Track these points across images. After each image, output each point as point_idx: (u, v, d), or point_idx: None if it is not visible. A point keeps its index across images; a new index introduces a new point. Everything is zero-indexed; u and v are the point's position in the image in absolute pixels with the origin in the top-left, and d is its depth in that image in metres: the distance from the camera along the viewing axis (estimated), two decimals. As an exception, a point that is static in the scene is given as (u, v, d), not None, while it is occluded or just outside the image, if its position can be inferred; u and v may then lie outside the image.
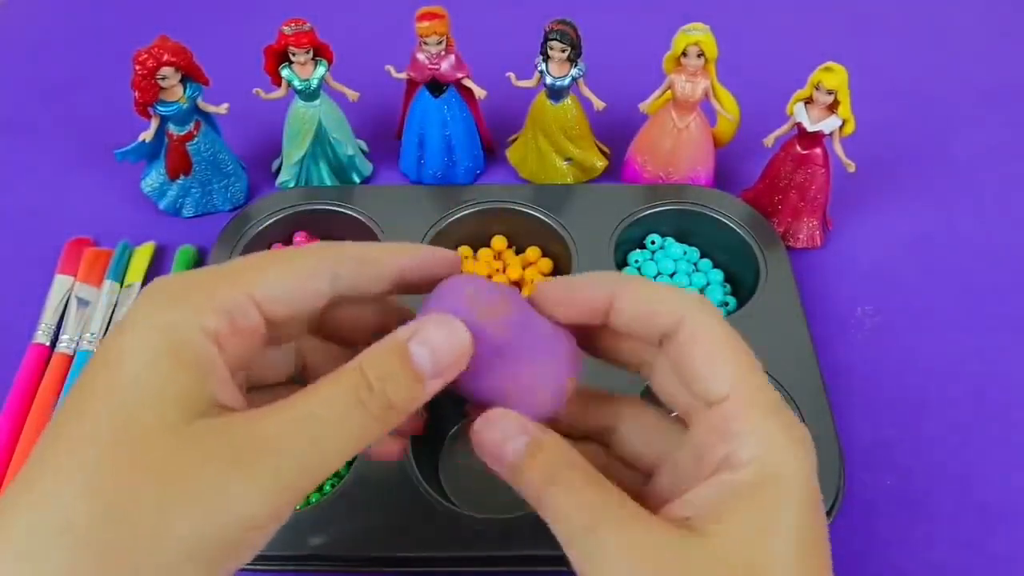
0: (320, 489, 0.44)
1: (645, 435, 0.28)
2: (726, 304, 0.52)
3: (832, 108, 0.51)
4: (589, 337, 0.28)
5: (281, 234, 0.55)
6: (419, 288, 0.27)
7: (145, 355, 0.21)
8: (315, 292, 0.25)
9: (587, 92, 0.56)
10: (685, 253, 0.55)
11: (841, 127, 0.51)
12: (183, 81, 0.53)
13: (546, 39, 0.53)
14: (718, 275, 0.54)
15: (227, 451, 0.21)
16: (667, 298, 0.25)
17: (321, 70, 0.55)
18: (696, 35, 0.52)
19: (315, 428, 0.22)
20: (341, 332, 0.28)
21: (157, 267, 0.56)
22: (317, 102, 0.56)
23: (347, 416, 0.22)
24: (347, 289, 0.25)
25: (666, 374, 0.26)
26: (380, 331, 0.25)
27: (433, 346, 0.23)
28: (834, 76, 0.50)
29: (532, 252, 0.55)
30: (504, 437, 0.24)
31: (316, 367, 0.28)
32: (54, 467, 0.20)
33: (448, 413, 0.48)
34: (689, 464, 0.25)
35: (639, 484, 0.27)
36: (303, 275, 0.24)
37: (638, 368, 0.27)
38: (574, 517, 0.23)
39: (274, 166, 0.61)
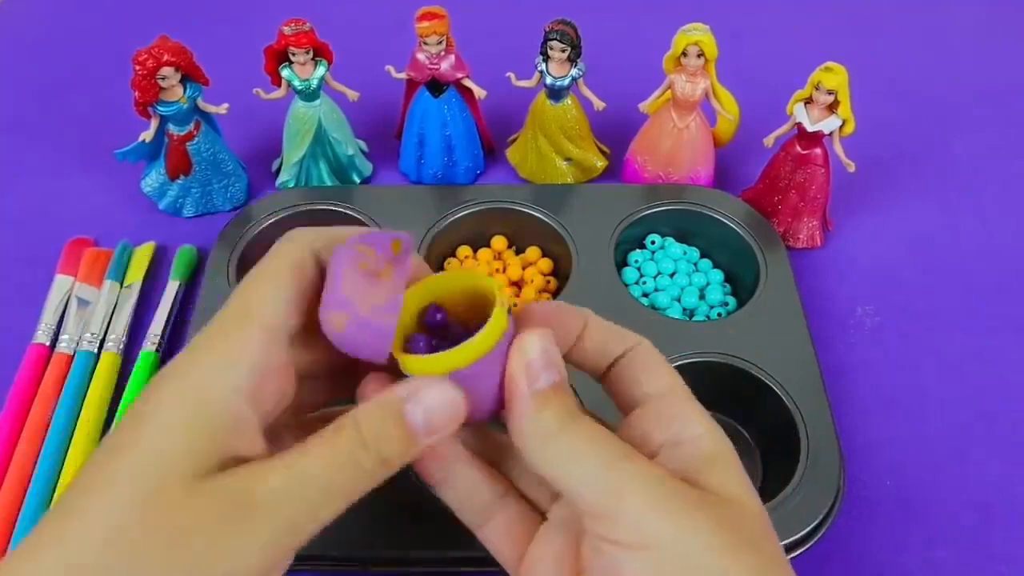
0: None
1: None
2: (726, 304, 0.52)
3: (832, 108, 0.51)
4: None
5: (281, 234, 0.55)
6: None
7: (171, 413, 0.23)
8: (307, 282, 0.26)
9: (587, 92, 0.56)
10: (685, 253, 0.55)
11: (841, 127, 0.51)
12: (183, 81, 0.53)
13: (546, 39, 0.53)
14: (718, 275, 0.54)
15: (227, 509, 0.22)
16: (623, 331, 0.29)
17: (321, 70, 0.55)
18: (696, 35, 0.52)
19: (309, 489, 0.23)
20: None
21: (157, 267, 0.56)
22: (317, 102, 0.56)
23: (341, 475, 0.23)
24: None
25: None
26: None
27: (427, 407, 0.24)
28: (834, 76, 0.50)
29: (532, 252, 0.55)
30: (540, 366, 0.25)
31: None
32: (79, 514, 0.22)
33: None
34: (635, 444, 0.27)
35: None
36: (290, 278, 0.26)
37: None
38: (591, 457, 0.24)
39: (274, 166, 0.61)
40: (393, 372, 0.26)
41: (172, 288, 0.53)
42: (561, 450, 0.25)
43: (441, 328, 0.27)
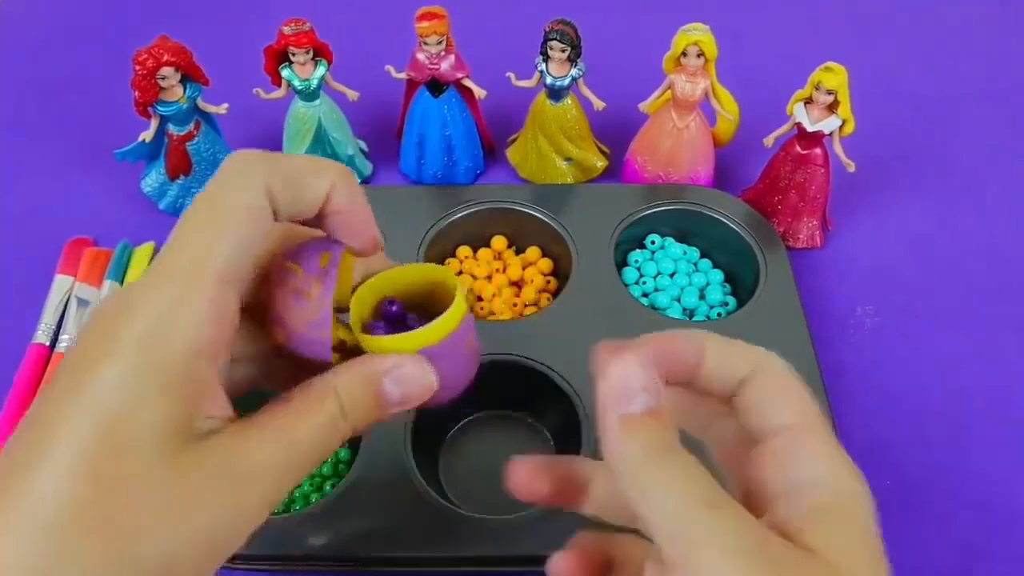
0: (320, 489, 0.44)
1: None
2: (726, 304, 0.52)
3: (832, 108, 0.51)
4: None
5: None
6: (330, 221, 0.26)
7: (133, 385, 0.21)
8: (263, 233, 0.24)
9: (587, 92, 0.56)
10: (685, 253, 0.55)
11: (841, 127, 0.51)
12: (183, 81, 0.53)
13: (546, 39, 0.53)
14: (718, 275, 0.54)
15: (216, 479, 0.22)
16: (746, 347, 0.26)
17: (321, 70, 0.55)
18: (696, 35, 0.52)
19: (297, 453, 0.23)
20: None
21: (157, 267, 0.56)
22: (317, 102, 0.56)
23: (325, 440, 0.24)
24: (287, 213, 0.25)
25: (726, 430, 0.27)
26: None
27: (405, 385, 0.25)
28: (834, 76, 0.50)
29: (532, 252, 0.55)
30: (635, 387, 0.23)
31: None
32: (38, 491, 0.20)
33: (448, 414, 0.48)
34: (753, 488, 0.25)
35: None
36: (244, 227, 0.23)
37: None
38: (674, 497, 0.22)
39: (274, 166, 0.61)
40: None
41: (172, 288, 0.53)
42: (645, 482, 0.23)
43: (398, 318, 0.28)
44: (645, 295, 0.53)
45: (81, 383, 0.21)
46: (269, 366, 0.28)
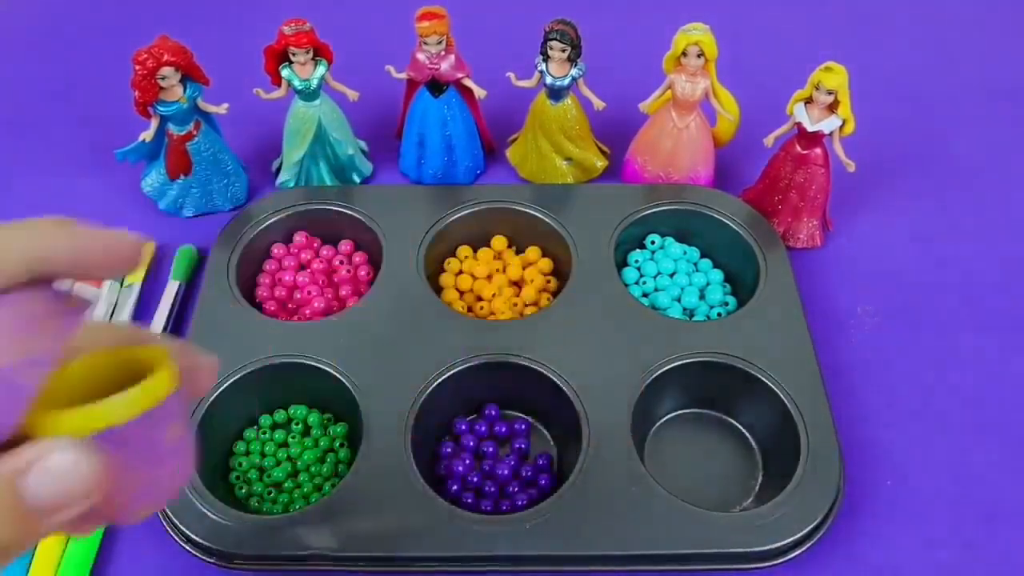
0: (320, 489, 0.44)
1: None
2: (726, 304, 0.52)
3: (832, 108, 0.51)
4: None
5: (281, 234, 0.55)
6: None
7: None
8: None
9: (587, 92, 0.56)
10: (685, 253, 0.55)
11: (841, 127, 0.51)
12: (183, 81, 0.53)
13: (546, 39, 0.53)
14: (718, 275, 0.54)
15: None
16: None
17: (321, 70, 0.55)
18: (696, 35, 0.52)
19: None
20: None
21: (157, 267, 0.56)
22: (317, 102, 0.56)
23: None
24: None
25: None
26: None
27: (55, 477, 0.19)
28: (834, 76, 0.50)
29: (532, 252, 0.55)
30: None
31: None
32: None
33: (448, 412, 0.48)
34: None
35: None
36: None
37: None
38: None
39: (274, 166, 0.61)
40: None
41: (172, 288, 0.53)
42: None
43: None
44: (645, 295, 0.53)
45: None
46: None
